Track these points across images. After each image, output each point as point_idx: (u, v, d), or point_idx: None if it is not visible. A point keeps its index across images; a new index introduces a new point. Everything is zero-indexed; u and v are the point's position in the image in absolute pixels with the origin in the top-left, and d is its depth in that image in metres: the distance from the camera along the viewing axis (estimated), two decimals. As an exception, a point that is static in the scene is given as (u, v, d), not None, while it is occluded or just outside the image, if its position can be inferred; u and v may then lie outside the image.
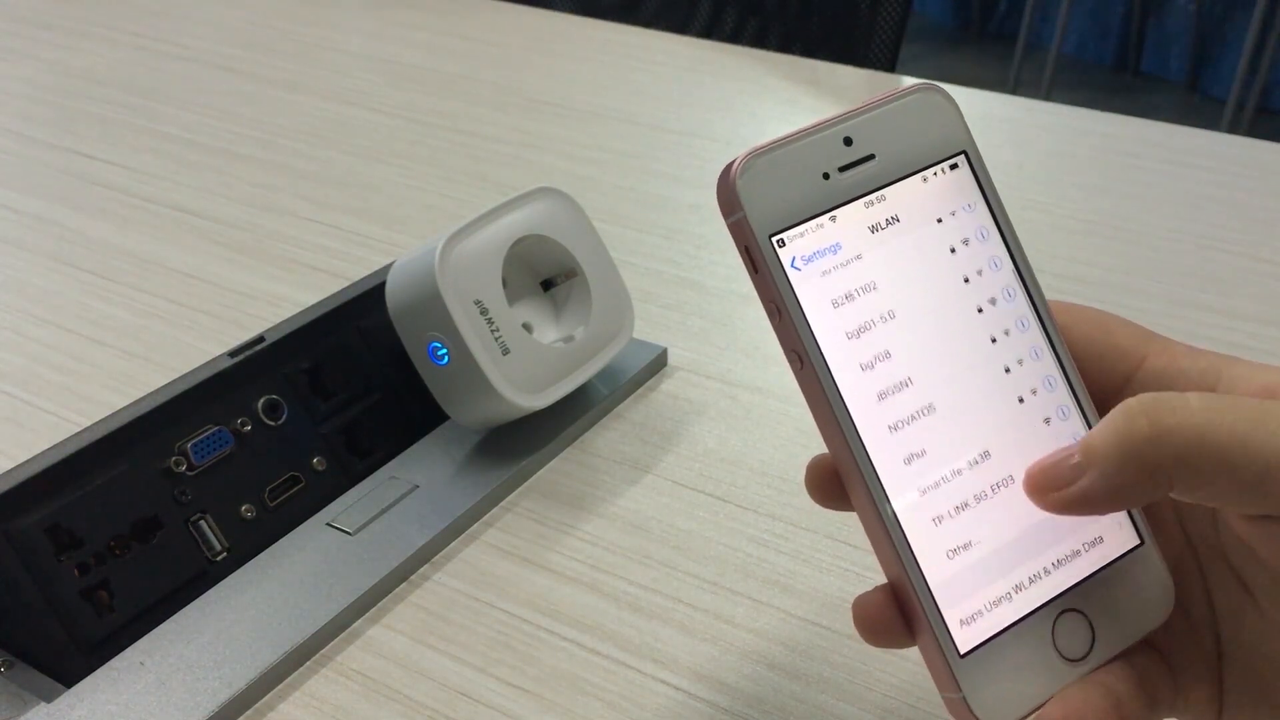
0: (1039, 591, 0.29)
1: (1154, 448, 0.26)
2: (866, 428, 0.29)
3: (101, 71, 0.91)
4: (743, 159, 0.28)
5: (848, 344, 0.29)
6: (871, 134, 0.30)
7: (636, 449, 0.51)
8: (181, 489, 0.43)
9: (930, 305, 0.30)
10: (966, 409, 0.30)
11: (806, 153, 0.29)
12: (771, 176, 0.29)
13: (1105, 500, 0.27)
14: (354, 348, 0.50)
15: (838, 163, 0.29)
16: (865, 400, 0.29)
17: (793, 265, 0.28)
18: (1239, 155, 0.75)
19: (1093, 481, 0.27)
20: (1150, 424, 0.26)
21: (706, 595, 0.43)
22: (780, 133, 0.30)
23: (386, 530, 0.45)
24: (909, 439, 0.29)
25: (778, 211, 0.28)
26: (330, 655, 0.41)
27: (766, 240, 0.28)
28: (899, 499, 0.29)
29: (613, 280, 0.52)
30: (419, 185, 0.74)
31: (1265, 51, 2.50)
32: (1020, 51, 2.75)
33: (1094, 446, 0.27)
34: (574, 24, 0.99)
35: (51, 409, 0.54)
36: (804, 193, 0.29)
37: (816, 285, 0.29)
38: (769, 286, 0.29)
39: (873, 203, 0.29)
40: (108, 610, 0.41)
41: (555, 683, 0.40)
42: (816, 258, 0.29)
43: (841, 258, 0.29)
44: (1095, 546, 0.30)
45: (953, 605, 0.29)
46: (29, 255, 0.66)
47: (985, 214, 0.31)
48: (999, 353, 0.30)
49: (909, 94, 0.30)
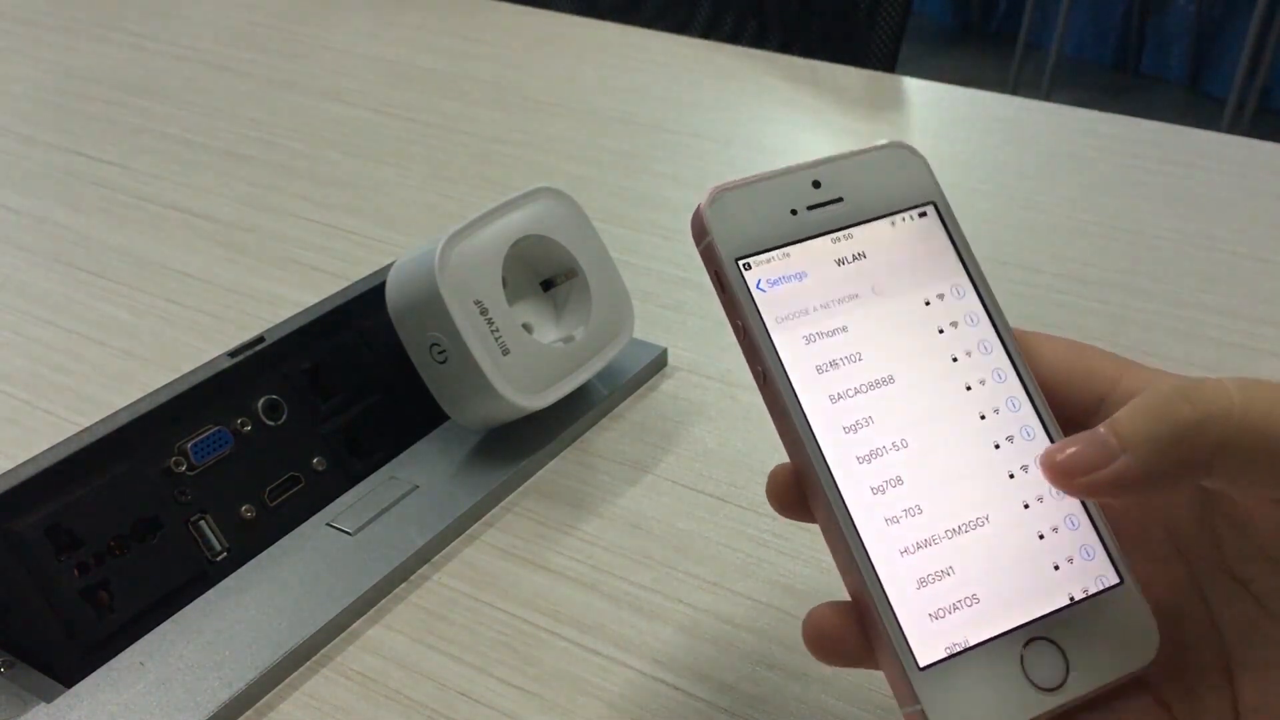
0: (1008, 616, 0.29)
1: (1198, 433, 0.26)
2: (826, 440, 0.29)
3: (101, 71, 0.91)
4: (712, 191, 0.30)
5: (809, 359, 0.30)
6: (840, 179, 0.31)
7: (636, 449, 0.51)
8: (181, 489, 0.43)
9: (893, 330, 0.31)
10: (923, 421, 0.30)
11: (774, 190, 0.31)
12: (739, 208, 0.31)
13: (1139, 485, 0.27)
14: (354, 348, 0.50)
15: (806, 202, 0.31)
16: (825, 412, 0.30)
17: (758, 287, 0.30)
18: (1239, 155, 0.75)
19: (1129, 465, 0.27)
20: (1194, 411, 0.26)
21: (706, 595, 0.43)
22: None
23: (386, 530, 0.45)
24: (866, 444, 0.30)
25: (745, 239, 0.30)
26: (330, 655, 0.41)
27: (732, 263, 0.30)
28: (859, 511, 0.29)
29: (613, 280, 0.52)
30: (419, 185, 0.74)
31: (1265, 51, 2.50)
32: (1020, 51, 2.75)
33: (1128, 428, 0.27)
34: (574, 24, 0.99)
35: (51, 409, 0.54)
36: (771, 225, 0.30)
37: (780, 306, 0.30)
38: (734, 306, 0.30)
39: (840, 239, 0.31)
40: (108, 610, 0.41)
41: (555, 683, 0.40)
42: (781, 282, 0.30)
43: (806, 284, 0.30)
44: (1071, 581, 0.30)
45: (913, 618, 0.29)
46: (29, 255, 0.66)
47: (953, 258, 0.32)
48: (961, 371, 0.31)
49: (880, 149, 0.32)
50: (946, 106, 0.84)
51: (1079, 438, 0.28)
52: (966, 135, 0.78)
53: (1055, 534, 0.30)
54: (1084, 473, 0.27)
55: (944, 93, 0.86)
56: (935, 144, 0.78)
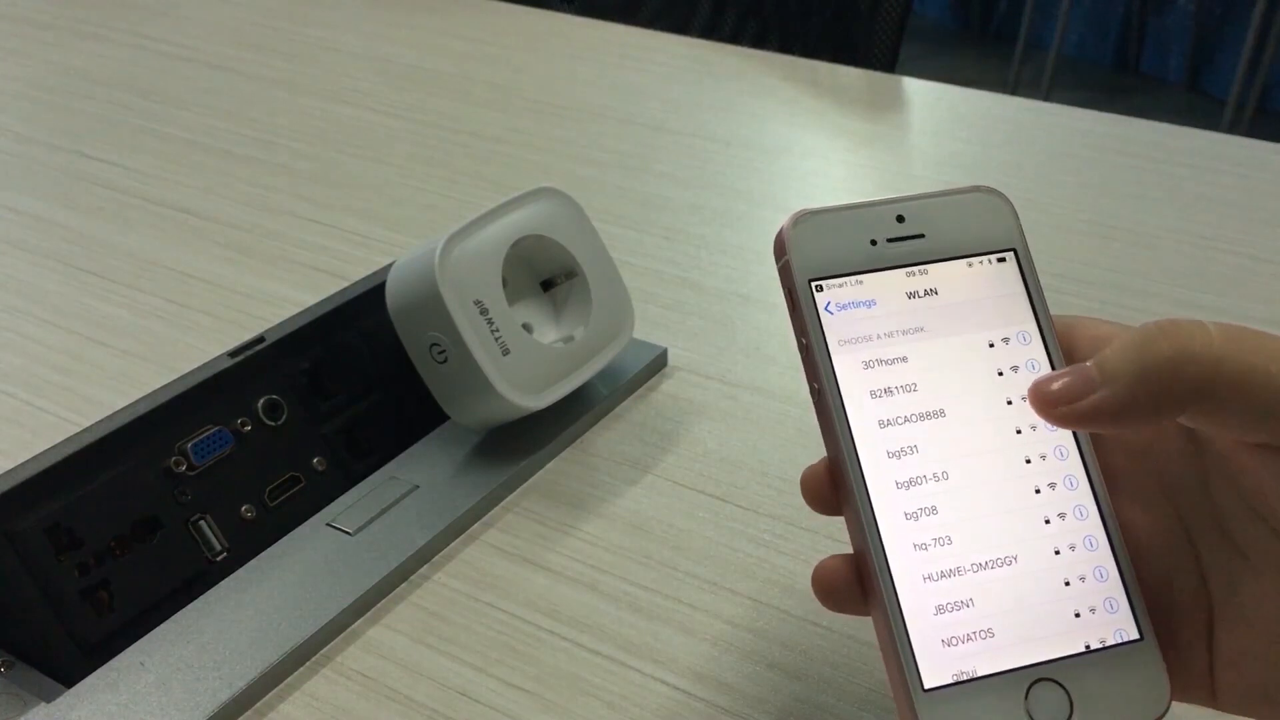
0: (1020, 654, 0.29)
1: (1174, 370, 0.27)
2: (869, 461, 0.30)
3: (101, 71, 0.91)
4: (796, 214, 0.31)
5: (865, 382, 0.31)
6: (924, 216, 0.32)
7: (636, 449, 0.51)
8: (181, 489, 0.43)
9: (952, 366, 0.31)
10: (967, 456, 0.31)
11: (857, 219, 0.32)
12: (820, 232, 0.31)
13: (1115, 416, 0.28)
14: (354, 348, 0.50)
15: (887, 234, 0.32)
16: (871, 435, 0.30)
17: (826, 309, 0.31)
18: (1239, 155, 0.75)
19: (1105, 397, 0.27)
20: (1171, 347, 0.27)
21: (706, 595, 0.43)
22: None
23: (386, 530, 0.45)
24: (907, 471, 0.30)
25: (821, 262, 0.31)
26: (330, 655, 0.41)
27: (805, 283, 0.31)
28: (889, 533, 0.30)
29: (613, 280, 0.52)
30: (419, 185, 0.74)
31: (1265, 51, 2.50)
32: (1020, 51, 2.75)
33: (1111, 363, 0.27)
34: (574, 24, 0.99)
35: (51, 409, 0.54)
36: (849, 252, 0.31)
37: (845, 328, 0.31)
38: (801, 324, 0.31)
39: (914, 273, 0.32)
40: (108, 610, 0.41)
41: (555, 683, 0.40)
42: (850, 307, 0.31)
43: (874, 312, 0.31)
44: (1090, 630, 0.30)
45: (926, 641, 0.29)
46: (29, 255, 0.66)
47: (1025, 304, 0.32)
48: (1013, 415, 0.31)
49: (968, 191, 0.33)
50: (946, 106, 0.84)
51: (1068, 370, 0.28)
52: (966, 135, 0.78)
53: (1082, 583, 0.30)
54: (1065, 402, 0.28)
55: (944, 93, 0.86)
56: (935, 144, 0.78)
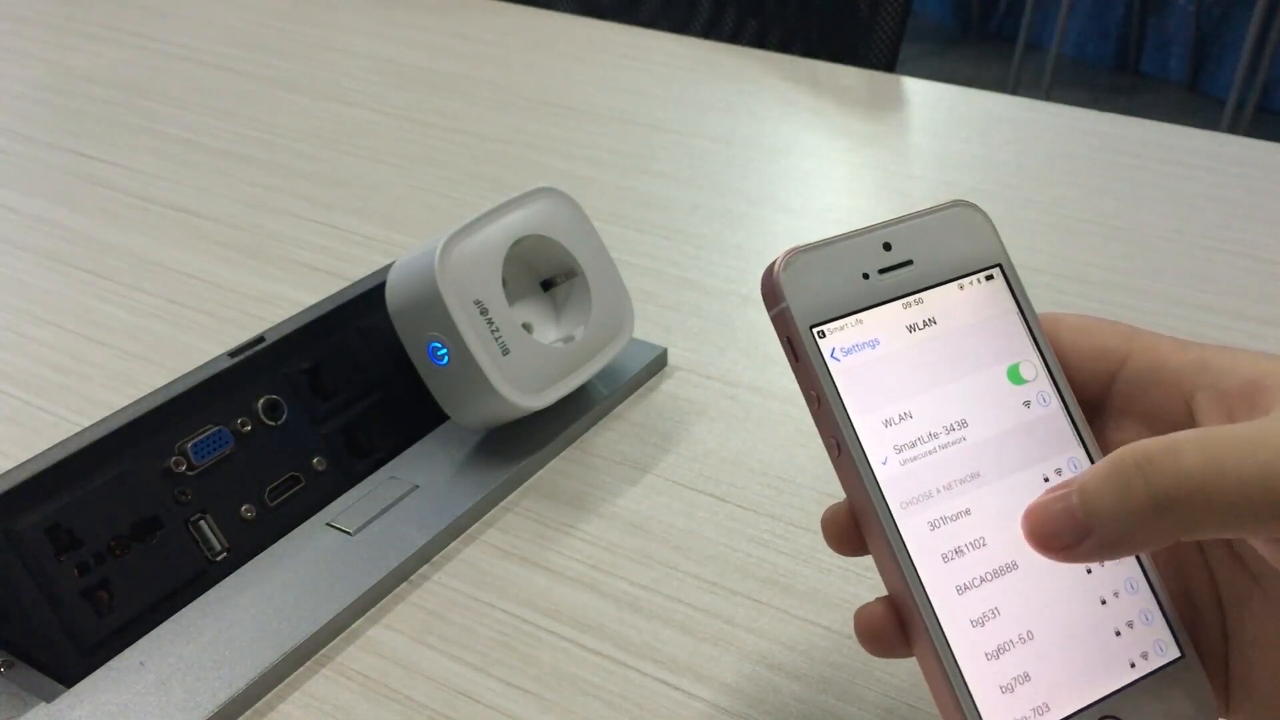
0: (1080, 694, 0.29)
1: (1156, 513, 0.26)
2: (900, 513, 0.29)
3: (101, 71, 0.91)
4: (785, 255, 0.29)
5: (884, 432, 0.29)
6: (910, 241, 0.31)
7: (636, 449, 0.51)
8: (181, 489, 0.43)
9: (965, 401, 0.30)
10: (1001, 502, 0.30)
11: (847, 253, 0.30)
12: (813, 272, 0.30)
13: (1110, 555, 0.27)
14: (354, 348, 0.50)
15: (877, 265, 0.30)
16: (899, 482, 0.29)
17: (832, 356, 0.29)
18: (1239, 155, 0.75)
19: (1100, 543, 0.27)
20: (1148, 492, 0.26)
21: (706, 595, 0.43)
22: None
23: (386, 530, 0.45)
24: (937, 510, 0.29)
25: (819, 305, 0.30)
26: (330, 655, 0.41)
27: (808, 330, 0.29)
28: (932, 584, 0.29)
29: (613, 280, 0.52)
30: (419, 185, 0.74)
31: (1265, 51, 2.50)
32: (1020, 51, 2.75)
33: (1098, 505, 0.26)
34: (574, 24, 0.99)
35: (51, 409, 0.54)
36: (844, 290, 0.30)
37: (855, 376, 0.29)
38: (809, 375, 0.29)
39: (910, 304, 0.31)
40: (108, 610, 0.41)
41: (555, 683, 0.40)
42: (855, 350, 0.30)
43: (880, 353, 0.30)
44: (1137, 657, 0.30)
45: (985, 693, 0.28)
46: (29, 255, 0.66)
47: (1021, 326, 0.32)
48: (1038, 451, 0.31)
49: (946, 208, 0.32)
50: (946, 106, 0.84)
51: (1053, 505, 0.27)
52: (966, 135, 0.78)
53: (1116, 598, 0.30)
54: (1061, 547, 0.27)
55: (944, 93, 0.86)
56: (935, 144, 0.78)
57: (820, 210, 0.69)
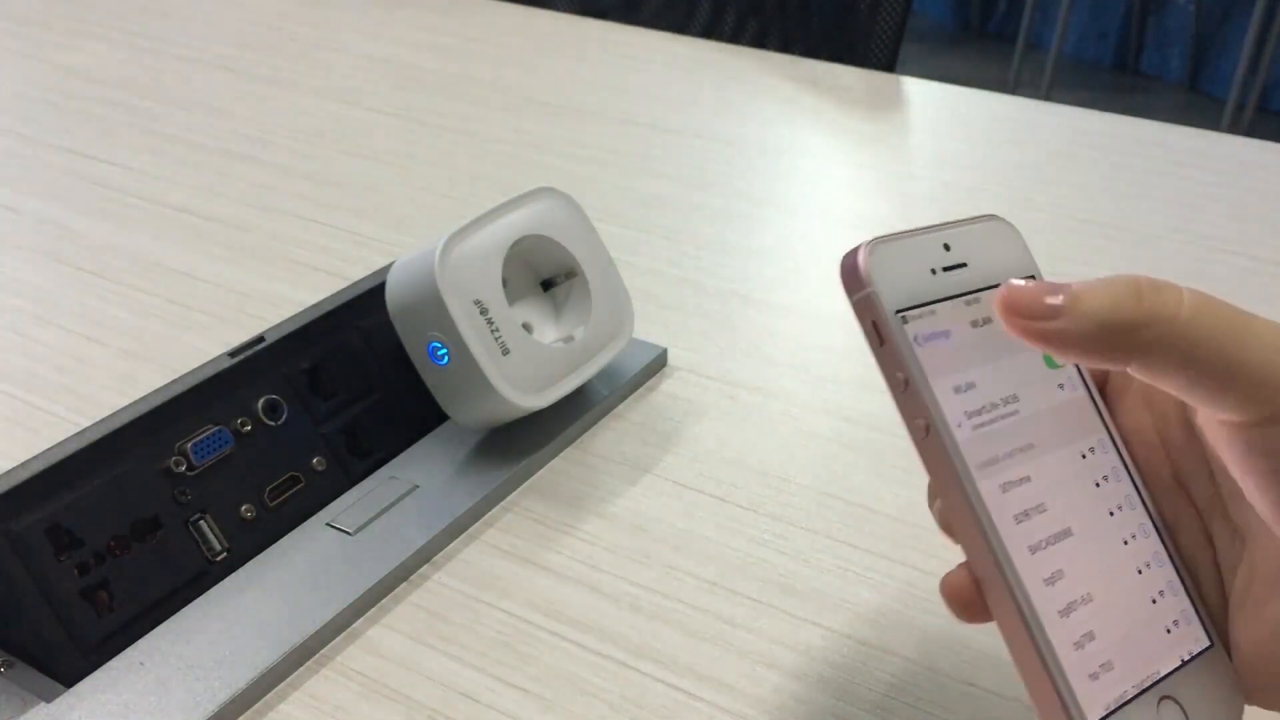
0: (1140, 676, 0.30)
1: (1132, 331, 0.27)
2: (987, 492, 0.30)
3: (101, 71, 0.91)
4: (869, 243, 0.31)
5: (957, 402, 0.31)
6: (964, 245, 0.32)
7: (636, 449, 0.51)
8: (181, 489, 0.43)
9: (1026, 389, 0.32)
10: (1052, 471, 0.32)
11: (918, 248, 0.31)
12: (893, 262, 0.31)
13: (1062, 349, 0.28)
14: (354, 348, 0.50)
15: (941, 263, 0.32)
16: (974, 452, 0.30)
17: (916, 342, 0.30)
18: (1239, 155, 0.75)
19: (1063, 329, 0.28)
20: (1138, 310, 0.27)
21: (706, 595, 0.43)
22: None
23: (386, 530, 0.45)
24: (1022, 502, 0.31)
25: (899, 293, 0.31)
26: (330, 655, 0.41)
27: (894, 315, 0.30)
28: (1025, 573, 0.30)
29: (613, 280, 0.52)
30: (419, 185, 0.74)
31: (1265, 51, 2.50)
32: (1020, 51, 2.75)
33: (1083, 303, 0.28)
34: (574, 24, 0.99)
35: (51, 409, 0.54)
36: (918, 283, 0.31)
37: (935, 361, 0.31)
38: (897, 358, 0.30)
39: (970, 302, 0.32)
40: (108, 610, 0.41)
41: (555, 683, 0.40)
42: (934, 339, 0.31)
43: (953, 343, 0.31)
44: (1181, 643, 0.31)
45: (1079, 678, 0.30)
46: (29, 255, 0.66)
47: None
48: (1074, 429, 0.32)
49: (983, 220, 0.33)
50: (946, 106, 0.84)
51: (1041, 285, 0.29)
52: (966, 135, 0.78)
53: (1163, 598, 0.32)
54: (1025, 316, 0.29)
55: (944, 93, 0.86)
56: (935, 144, 0.78)
57: (820, 210, 0.69)
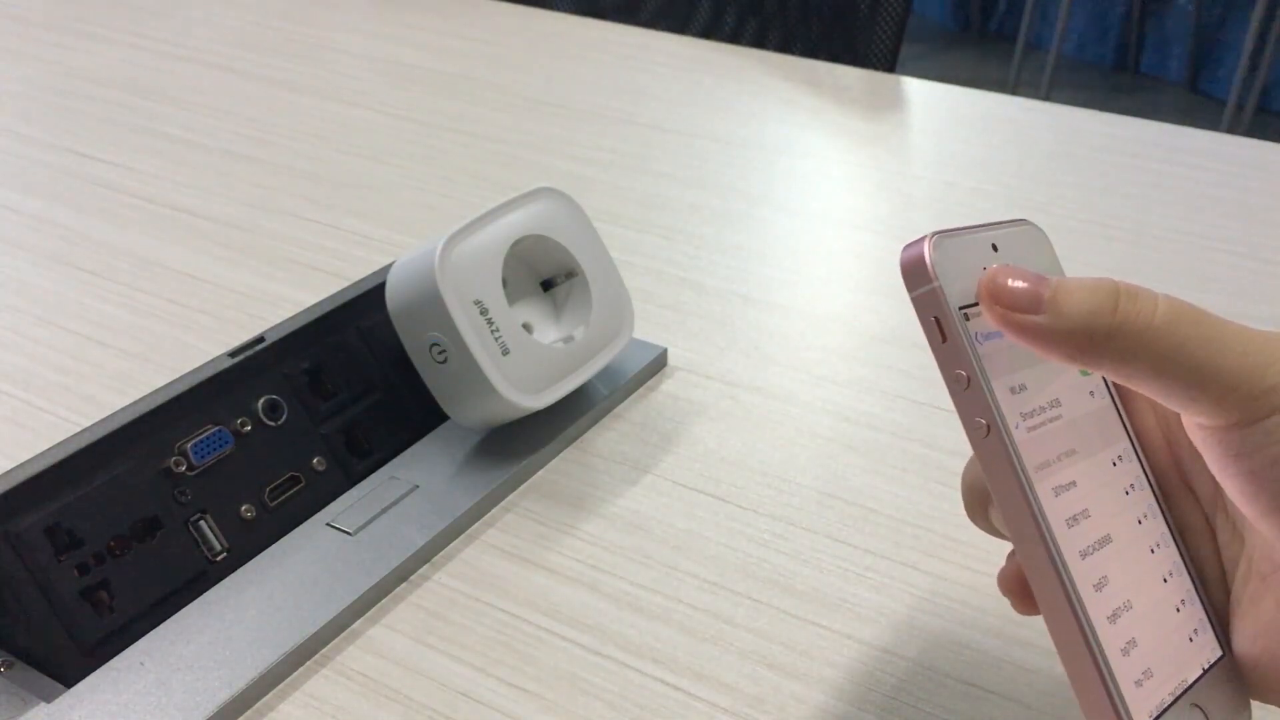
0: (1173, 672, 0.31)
1: (1106, 339, 0.28)
2: (1044, 495, 0.30)
3: (101, 71, 0.91)
4: (933, 237, 0.30)
5: (1014, 403, 0.30)
6: (1008, 246, 0.32)
7: (636, 449, 0.51)
8: (181, 489, 0.43)
9: (1065, 394, 0.32)
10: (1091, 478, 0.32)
11: (973, 246, 0.31)
12: (953, 258, 0.31)
13: (1040, 346, 0.29)
14: (354, 348, 0.50)
15: (990, 262, 0.31)
16: (1030, 455, 0.30)
17: (977, 339, 0.30)
18: (1239, 155, 0.75)
19: (1040, 325, 0.29)
20: (1113, 320, 0.28)
21: (706, 595, 0.43)
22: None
23: (386, 530, 0.45)
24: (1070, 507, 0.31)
25: (960, 289, 0.30)
26: (330, 655, 0.41)
27: (958, 310, 0.30)
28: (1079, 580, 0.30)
29: (613, 280, 0.52)
30: (419, 185, 0.74)
31: (1265, 51, 2.50)
32: (1020, 51, 2.75)
33: (1064, 302, 0.28)
34: (574, 24, 0.99)
35: (51, 409, 0.54)
36: (973, 280, 0.31)
37: (992, 360, 0.30)
38: (959, 355, 0.30)
39: None
40: (108, 610, 0.41)
41: (555, 683, 0.40)
42: (990, 338, 0.30)
43: (1006, 343, 0.31)
44: (1201, 652, 0.32)
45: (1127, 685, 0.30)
46: (29, 255, 0.66)
47: None
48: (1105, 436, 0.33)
49: (1018, 224, 0.33)
50: (946, 106, 0.84)
51: (1030, 275, 0.29)
52: (966, 135, 0.78)
53: (1185, 605, 0.32)
54: (1007, 305, 0.29)
55: (944, 93, 0.86)
56: (935, 144, 0.78)
57: (820, 210, 0.69)
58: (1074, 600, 0.30)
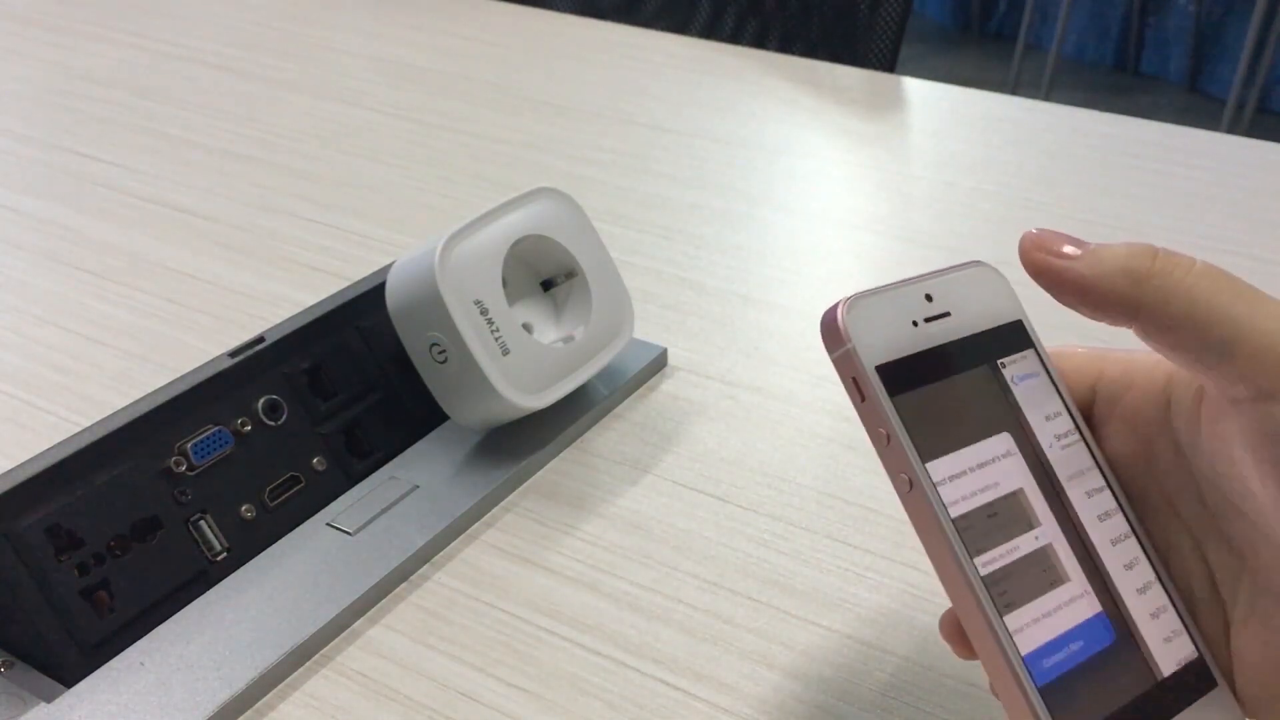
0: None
1: (1141, 279, 0.29)
2: (974, 546, 0.30)
3: (101, 71, 0.91)
4: (848, 300, 0.31)
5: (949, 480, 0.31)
6: (946, 294, 0.32)
7: (636, 449, 0.51)
8: (181, 489, 0.43)
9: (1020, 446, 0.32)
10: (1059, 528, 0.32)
11: (898, 301, 0.32)
12: (871, 316, 0.31)
13: (1075, 291, 0.30)
14: (354, 348, 0.50)
15: (922, 314, 0.32)
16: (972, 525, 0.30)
17: (894, 395, 0.30)
18: (1239, 155, 0.75)
19: (1077, 271, 0.29)
20: (1153, 265, 0.29)
21: (706, 595, 0.43)
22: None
23: (386, 530, 0.45)
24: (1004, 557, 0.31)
25: (879, 346, 0.31)
26: (330, 655, 0.41)
27: (873, 370, 0.30)
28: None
29: (613, 280, 0.52)
30: (419, 185, 0.74)
31: (1265, 51, 2.50)
32: (1020, 52, 2.75)
33: (1100, 251, 0.29)
34: (574, 24, 0.99)
35: (51, 409, 0.54)
36: (898, 335, 0.31)
37: (914, 413, 0.31)
38: (877, 414, 0.31)
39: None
40: (108, 610, 0.41)
41: (555, 683, 0.40)
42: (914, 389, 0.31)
43: (932, 391, 0.31)
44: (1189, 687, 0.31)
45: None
46: (29, 255, 0.66)
47: (1046, 377, 0.33)
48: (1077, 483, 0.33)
49: (968, 267, 0.33)
50: (946, 106, 0.84)
51: (1068, 237, 0.30)
52: (966, 135, 0.78)
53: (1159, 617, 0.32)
54: (1044, 251, 0.30)
55: (944, 93, 0.86)
56: (935, 144, 0.78)
57: (820, 211, 0.69)
58: (1003, 645, 0.29)
